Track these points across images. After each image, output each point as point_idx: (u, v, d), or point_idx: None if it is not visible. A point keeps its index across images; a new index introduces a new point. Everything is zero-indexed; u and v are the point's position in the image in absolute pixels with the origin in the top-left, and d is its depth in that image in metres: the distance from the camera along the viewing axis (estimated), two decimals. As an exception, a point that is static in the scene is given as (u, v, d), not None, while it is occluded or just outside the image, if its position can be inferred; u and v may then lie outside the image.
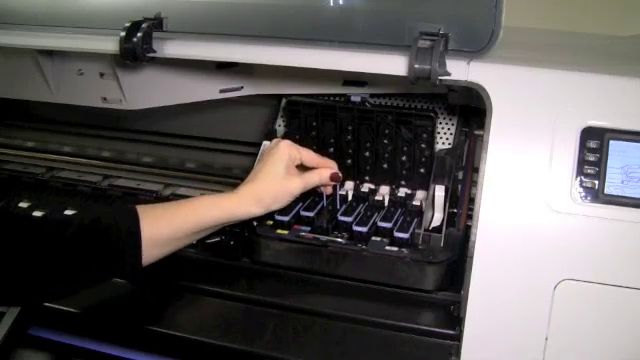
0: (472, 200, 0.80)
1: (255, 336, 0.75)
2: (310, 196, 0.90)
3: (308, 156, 0.83)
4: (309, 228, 0.84)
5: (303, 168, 0.85)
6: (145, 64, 0.88)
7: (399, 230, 0.81)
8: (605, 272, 0.67)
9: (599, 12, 1.50)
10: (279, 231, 0.84)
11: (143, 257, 0.71)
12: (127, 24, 0.81)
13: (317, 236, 0.82)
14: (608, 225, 0.67)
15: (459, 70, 0.72)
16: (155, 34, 0.83)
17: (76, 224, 0.69)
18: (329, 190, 0.88)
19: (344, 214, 0.85)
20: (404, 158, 0.90)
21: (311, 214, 0.85)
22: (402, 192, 0.91)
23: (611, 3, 1.52)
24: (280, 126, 1.00)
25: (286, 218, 0.84)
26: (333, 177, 0.84)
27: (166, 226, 0.73)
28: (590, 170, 0.69)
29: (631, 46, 1.18)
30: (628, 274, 0.67)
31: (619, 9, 1.50)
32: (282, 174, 0.79)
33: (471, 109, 0.91)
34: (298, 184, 0.81)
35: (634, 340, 0.68)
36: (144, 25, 0.81)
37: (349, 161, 0.93)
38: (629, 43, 1.22)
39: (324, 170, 0.84)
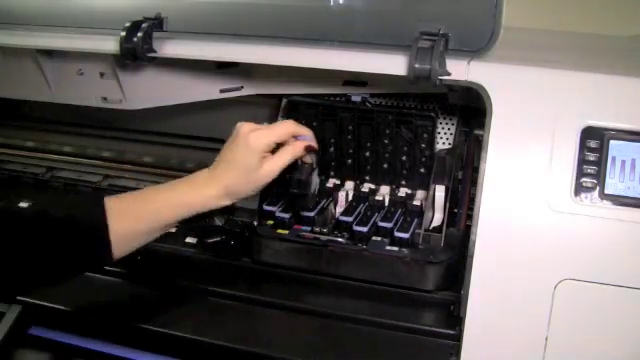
0: (472, 200, 0.80)
1: (255, 336, 0.75)
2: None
3: (277, 134, 0.75)
4: (309, 228, 0.84)
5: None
6: (145, 64, 0.88)
7: (399, 230, 0.81)
8: (605, 272, 0.67)
9: (599, 12, 1.50)
10: (279, 231, 0.84)
11: (114, 251, 0.70)
12: (127, 24, 0.81)
13: (317, 236, 0.82)
14: (608, 225, 0.67)
15: (459, 70, 0.72)
16: (155, 34, 0.83)
17: (44, 217, 0.68)
18: (308, 160, 0.80)
19: (344, 214, 0.85)
20: (404, 158, 0.90)
21: (311, 214, 0.85)
22: (402, 192, 0.91)
23: (611, 3, 1.52)
24: (280, 126, 1.00)
25: (286, 217, 0.84)
26: (308, 149, 0.78)
27: (133, 223, 0.71)
28: (590, 170, 0.69)
29: (631, 46, 1.18)
30: (628, 274, 0.67)
31: (619, 9, 1.50)
32: (251, 167, 0.73)
33: (471, 109, 0.91)
34: (269, 170, 0.74)
35: (634, 340, 0.68)
36: (144, 25, 0.81)
37: (349, 161, 0.93)
38: (629, 43, 1.22)
39: (296, 145, 0.76)
